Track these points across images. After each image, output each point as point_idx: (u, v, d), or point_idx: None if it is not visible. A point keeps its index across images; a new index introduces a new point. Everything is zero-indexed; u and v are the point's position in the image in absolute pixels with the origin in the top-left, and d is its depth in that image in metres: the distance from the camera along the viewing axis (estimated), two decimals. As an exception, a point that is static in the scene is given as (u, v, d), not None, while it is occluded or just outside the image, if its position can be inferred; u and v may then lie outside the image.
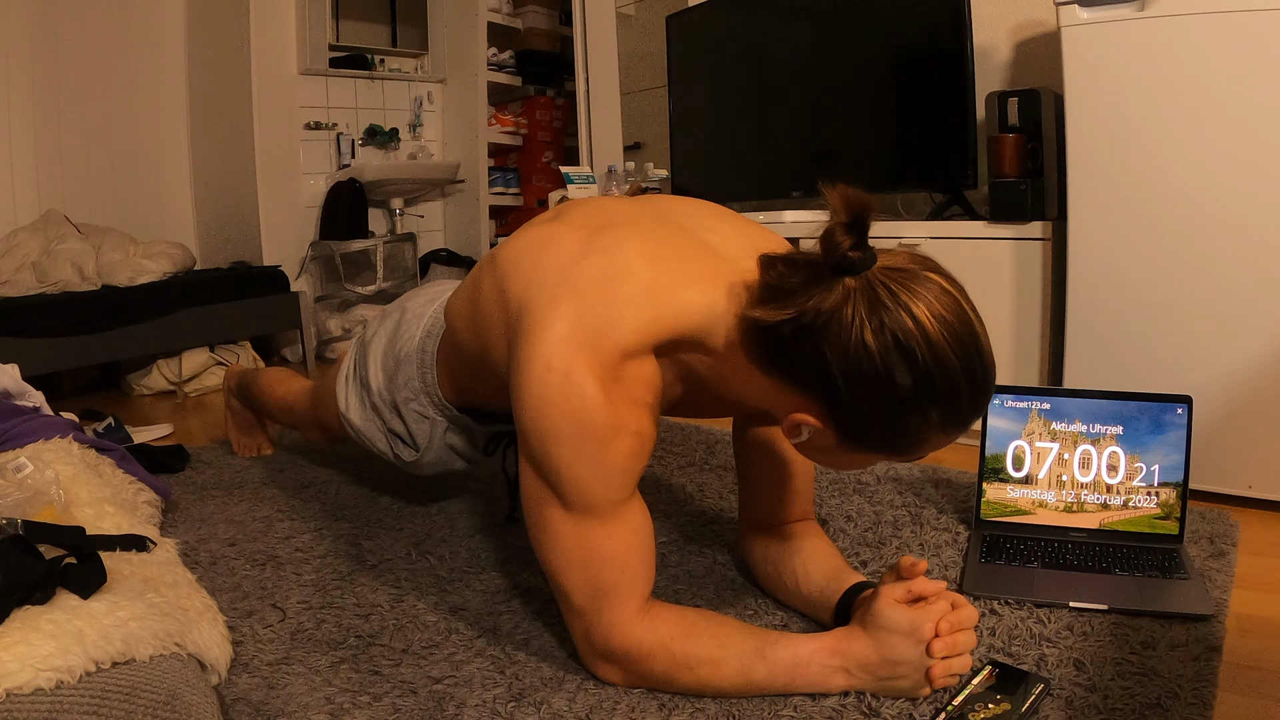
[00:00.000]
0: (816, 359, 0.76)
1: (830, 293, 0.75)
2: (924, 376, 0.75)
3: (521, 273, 0.92)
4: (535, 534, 0.91)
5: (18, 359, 1.79)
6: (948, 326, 0.75)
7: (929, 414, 0.77)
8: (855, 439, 0.80)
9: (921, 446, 0.80)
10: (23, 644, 0.72)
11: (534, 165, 4.13)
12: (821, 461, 0.90)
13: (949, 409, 0.77)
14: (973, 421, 0.80)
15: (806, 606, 1.06)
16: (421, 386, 1.23)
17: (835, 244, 0.75)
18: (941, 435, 0.79)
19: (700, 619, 0.93)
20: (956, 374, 0.75)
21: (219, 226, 3.44)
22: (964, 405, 0.77)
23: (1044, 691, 0.88)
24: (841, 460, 0.87)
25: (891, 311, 0.74)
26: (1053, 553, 1.22)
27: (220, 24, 3.28)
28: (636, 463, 0.86)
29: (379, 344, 1.30)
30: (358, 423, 1.33)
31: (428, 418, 1.25)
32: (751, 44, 2.44)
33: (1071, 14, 1.52)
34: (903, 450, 0.81)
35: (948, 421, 0.77)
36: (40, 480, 1.06)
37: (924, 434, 0.78)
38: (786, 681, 0.89)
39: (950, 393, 0.76)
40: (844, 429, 0.80)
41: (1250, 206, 1.39)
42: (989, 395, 0.80)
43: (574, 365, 0.82)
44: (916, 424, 0.77)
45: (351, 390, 1.34)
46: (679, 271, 0.88)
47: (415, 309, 1.28)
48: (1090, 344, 1.60)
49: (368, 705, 0.92)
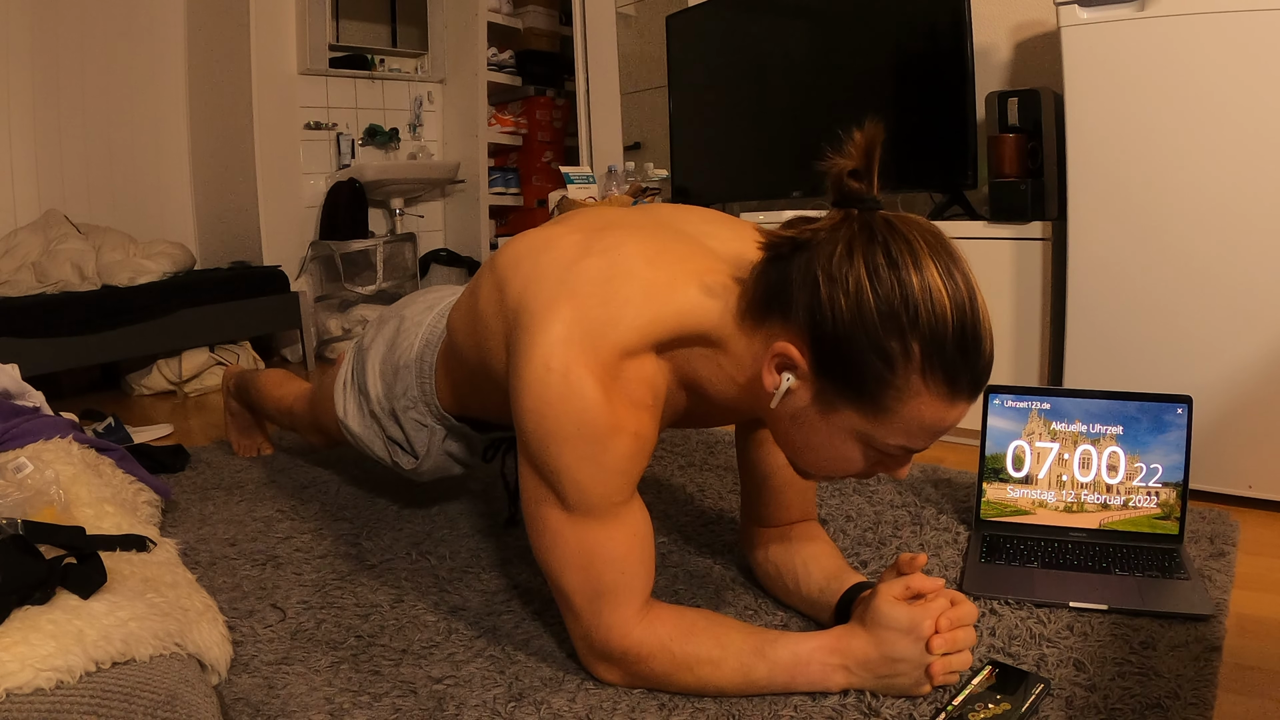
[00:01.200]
0: (805, 274, 0.77)
1: (831, 221, 0.78)
2: (906, 292, 0.72)
3: (520, 275, 0.92)
4: (535, 535, 0.91)
5: (18, 359, 1.79)
6: (942, 265, 0.74)
7: (909, 344, 0.73)
8: (831, 376, 0.77)
9: (901, 398, 0.75)
10: (23, 644, 0.72)
11: (534, 165, 4.13)
12: (798, 444, 0.85)
13: (932, 345, 0.73)
14: (960, 382, 0.75)
15: (807, 606, 1.06)
16: (420, 395, 1.22)
17: (841, 179, 0.77)
18: (922, 384, 0.74)
19: (700, 619, 0.93)
20: (944, 306, 0.73)
21: (219, 226, 3.44)
22: (949, 347, 0.73)
23: (1044, 691, 0.88)
24: (818, 430, 0.81)
25: (886, 239, 0.75)
26: (1053, 553, 1.22)
27: (220, 24, 3.28)
28: (635, 464, 0.86)
29: (377, 351, 1.29)
30: (356, 429, 1.33)
31: (426, 425, 1.25)
32: (751, 44, 2.44)
33: (1071, 14, 1.52)
34: (880, 400, 0.75)
35: (929, 362, 0.73)
36: (40, 480, 1.06)
37: (904, 377, 0.74)
38: (787, 680, 0.89)
39: (935, 326, 0.72)
40: (821, 363, 0.77)
41: (1250, 206, 1.39)
42: (980, 353, 0.75)
43: (573, 365, 0.81)
44: (896, 353, 0.73)
45: (350, 396, 1.34)
46: (678, 270, 0.87)
47: (413, 316, 1.27)
48: (1090, 344, 1.60)
49: (368, 705, 0.92)
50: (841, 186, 0.77)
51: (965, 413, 0.79)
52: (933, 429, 0.78)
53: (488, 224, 3.92)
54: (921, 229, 0.76)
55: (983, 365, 0.76)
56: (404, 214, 3.79)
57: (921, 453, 0.87)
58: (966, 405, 0.78)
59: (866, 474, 0.86)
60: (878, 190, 0.78)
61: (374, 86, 3.73)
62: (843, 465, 0.84)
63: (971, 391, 0.77)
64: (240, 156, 3.33)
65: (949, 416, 0.77)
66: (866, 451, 0.81)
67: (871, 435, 0.79)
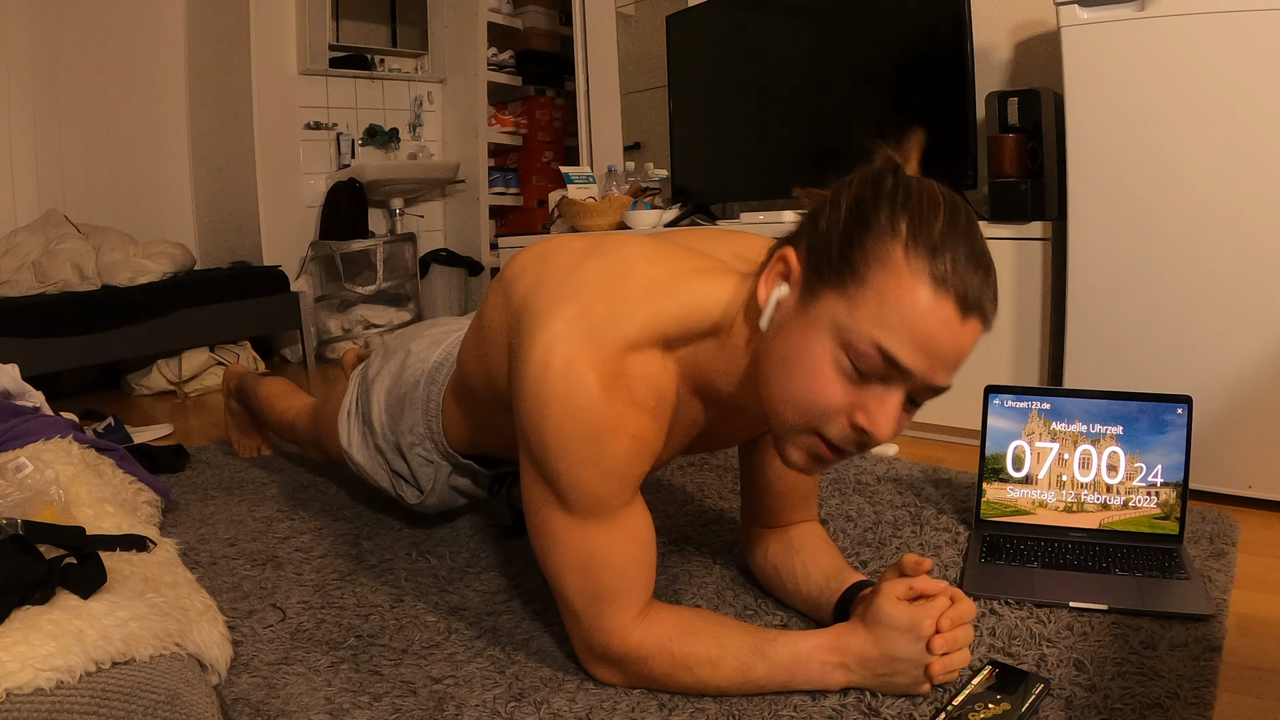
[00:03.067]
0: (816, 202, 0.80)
1: None
2: (904, 186, 0.75)
3: (526, 279, 0.92)
4: (536, 537, 0.91)
5: (18, 359, 1.79)
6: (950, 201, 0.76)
7: (896, 217, 0.73)
8: (815, 261, 0.76)
9: (881, 268, 0.72)
10: (23, 644, 0.72)
11: (534, 165, 4.13)
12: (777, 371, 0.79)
13: (917, 221, 0.73)
14: (943, 264, 0.71)
15: (806, 606, 1.06)
16: (426, 433, 1.22)
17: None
18: (903, 257, 0.72)
19: (698, 619, 0.93)
20: (937, 200, 0.74)
21: (219, 226, 3.45)
22: (936, 227, 0.72)
23: (1044, 691, 0.88)
24: (794, 333, 0.77)
25: (900, 169, 0.77)
26: (1053, 553, 1.22)
27: (220, 24, 3.28)
28: (633, 467, 0.85)
29: (382, 384, 1.29)
30: (361, 461, 1.33)
31: (432, 462, 1.25)
32: (751, 44, 2.44)
33: (1071, 14, 1.52)
34: (857, 269, 0.73)
35: (912, 235, 0.72)
36: (40, 480, 1.06)
37: (886, 247, 0.72)
38: (786, 679, 0.89)
39: (924, 210, 0.73)
40: (811, 254, 0.77)
41: (1250, 206, 1.39)
42: (973, 250, 0.73)
43: (574, 360, 0.81)
44: (883, 223, 0.73)
45: (354, 427, 1.34)
46: (680, 268, 0.88)
47: (419, 351, 1.27)
48: (1090, 344, 1.60)
49: (368, 705, 0.92)
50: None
51: (959, 334, 0.72)
52: (914, 324, 0.71)
53: (488, 224, 3.93)
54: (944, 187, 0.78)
55: (975, 278, 0.72)
56: (404, 214, 3.79)
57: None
58: (956, 315, 0.72)
59: (843, 421, 0.77)
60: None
61: (374, 86, 3.73)
62: (819, 384, 0.76)
63: (961, 296, 0.72)
64: (240, 156, 3.33)
65: (935, 313, 0.71)
66: (844, 366, 0.75)
67: (847, 324, 0.74)
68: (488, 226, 3.93)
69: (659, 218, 2.59)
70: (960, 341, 0.73)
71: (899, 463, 1.70)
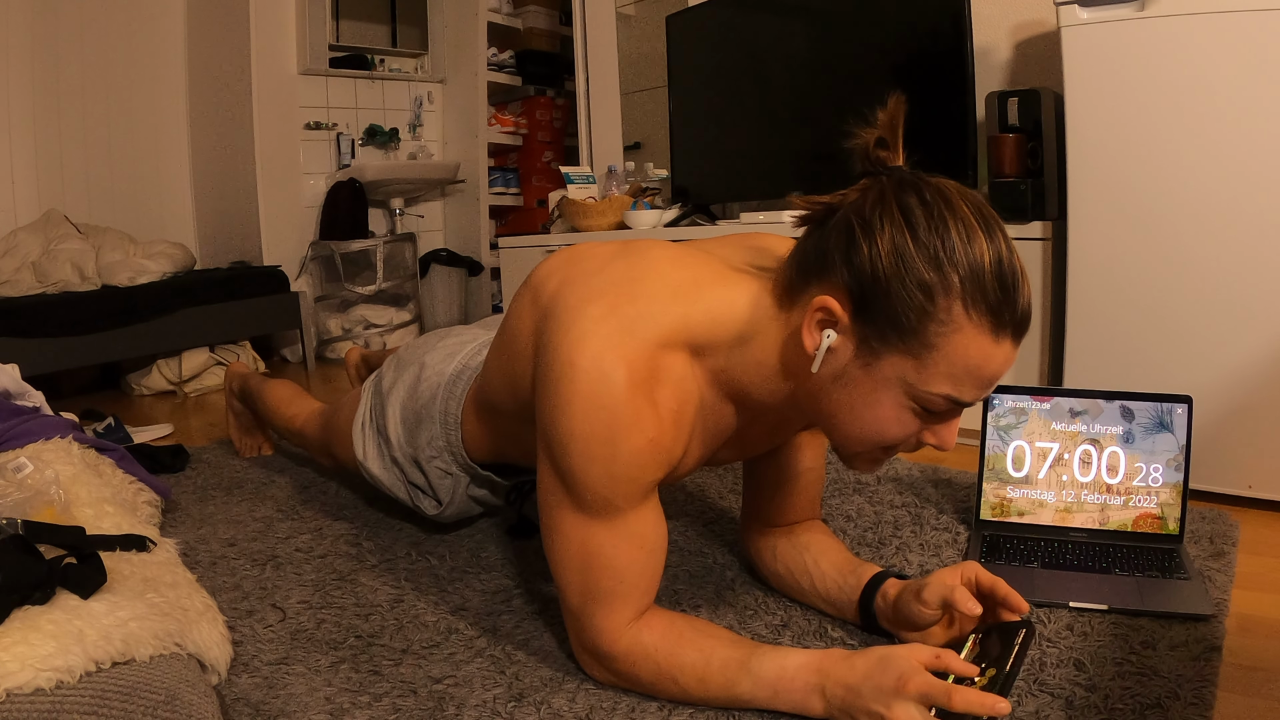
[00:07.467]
0: (841, 228, 0.78)
1: (863, 186, 0.80)
2: (942, 230, 0.73)
3: (554, 282, 0.93)
4: (544, 528, 0.91)
5: (18, 359, 1.79)
6: (975, 210, 0.75)
7: (948, 276, 0.73)
8: (872, 320, 0.76)
9: (945, 332, 0.74)
10: (23, 644, 0.72)
11: (534, 165, 4.13)
12: (842, 412, 0.82)
13: (971, 277, 0.73)
14: (1003, 316, 0.74)
15: (827, 605, 1.06)
16: (445, 446, 1.23)
17: (867, 150, 0.79)
18: (965, 316, 0.73)
19: (689, 629, 0.91)
20: (980, 244, 0.73)
21: (219, 226, 3.45)
22: (987, 279, 0.73)
23: (1028, 636, 0.82)
24: (861, 387, 0.79)
25: (919, 188, 0.76)
26: (1052, 553, 1.22)
27: (220, 24, 3.28)
28: (645, 472, 0.84)
29: (397, 397, 1.29)
30: (377, 472, 1.33)
31: (451, 474, 1.25)
32: (751, 44, 2.44)
33: (1071, 14, 1.52)
34: (923, 335, 0.74)
35: (970, 294, 0.73)
36: (40, 480, 1.06)
37: (946, 309, 0.73)
38: (769, 696, 0.86)
39: (972, 260, 0.73)
40: (862, 308, 0.76)
41: (1250, 206, 1.39)
42: (1020, 289, 0.74)
43: (603, 357, 0.81)
44: (935, 284, 0.73)
45: (369, 439, 1.34)
46: (703, 271, 0.89)
47: (434, 365, 1.27)
48: (1090, 344, 1.60)
49: (368, 705, 0.92)
50: (868, 156, 0.80)
51: (1010, 358, 0.77)
52: (978, 371, 0.75)
53: (488, 224, 3.93)
54: (953, 184, 0.78)
55: (1023, 303, 0.76)
56: (404, 214, 3.79)
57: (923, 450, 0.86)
58: (1011, 347, 0.76)
59: (912, 442, 0.83)
60: (903, 160, 0.80)
61: (374, 86, 3.74)
62: (890, 427, 0.80)
63: (1015, 329, 0.76)
64: (240, 156, 3.33)
65: (995, 355, 0.75)
66: (912, 408, 0.79)
67: (916, 383, 0.77)
68: (488, 226, 3.93)
69: (659, 218, 2.59)
70: (1010, 360, 0.78)
71: (899, 463, 1.70)
